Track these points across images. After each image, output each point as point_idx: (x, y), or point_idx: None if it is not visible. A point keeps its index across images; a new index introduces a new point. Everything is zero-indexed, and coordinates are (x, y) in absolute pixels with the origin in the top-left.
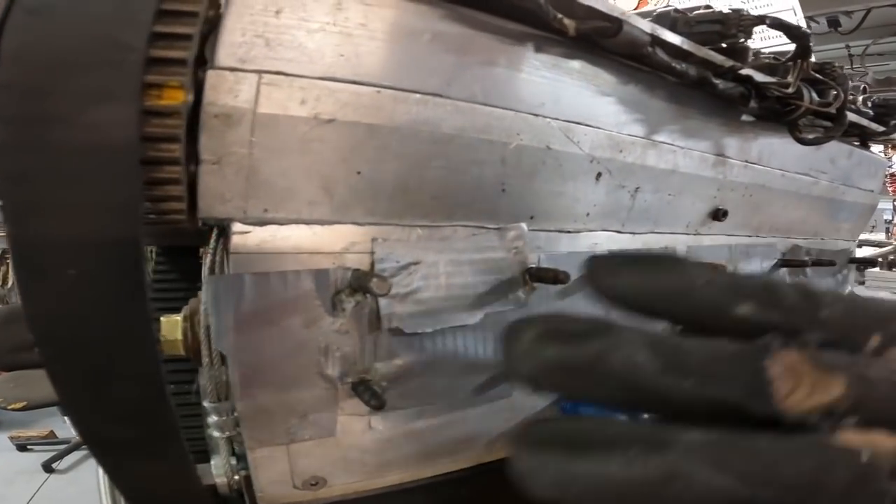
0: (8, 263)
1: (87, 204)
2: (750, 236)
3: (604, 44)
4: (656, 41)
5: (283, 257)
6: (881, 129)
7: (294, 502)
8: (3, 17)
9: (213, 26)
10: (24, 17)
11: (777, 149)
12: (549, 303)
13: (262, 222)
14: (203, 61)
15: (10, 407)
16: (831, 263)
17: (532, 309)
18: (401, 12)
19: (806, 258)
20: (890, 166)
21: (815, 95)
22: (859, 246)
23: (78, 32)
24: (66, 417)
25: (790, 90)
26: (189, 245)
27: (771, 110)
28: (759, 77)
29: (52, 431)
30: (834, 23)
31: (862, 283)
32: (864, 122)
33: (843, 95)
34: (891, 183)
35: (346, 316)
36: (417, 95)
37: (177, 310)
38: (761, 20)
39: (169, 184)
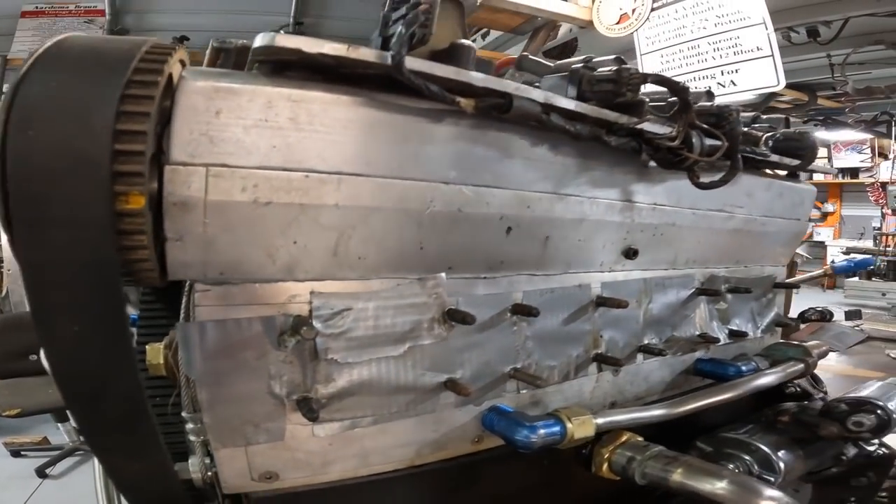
0: (1, 273)
1: (79, 280)
2: (665, 269)
3: (501, 117)
4: (549, 108)
5: (237, 308)
6: (796, 161)
7: (252, 492)
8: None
9: (167, 119)
10: (17, 135)
11: (686, 189)
12: (467, 337)
13: (219, 282)
14: (162, 151)
15: (4, 413)
16: (747, 291)
17: (450, 342)
18: (324, 105)
19: (723, 286)
20: (873, 181)
21: (706, 143)
22: (847, 253)
23: (57, 151)
24: (59, 424)
25: (676, 142)
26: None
27: (665, 160)
28: (649, 131)
29: (45, 438)
30: (813, 33)
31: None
32: (775, 157)
33: (727, 144)
34: (873, 192)
35: (289, 350)
36: (340, 176)
37: (162, 335)
38: (645, 79)
39: (141, 260)
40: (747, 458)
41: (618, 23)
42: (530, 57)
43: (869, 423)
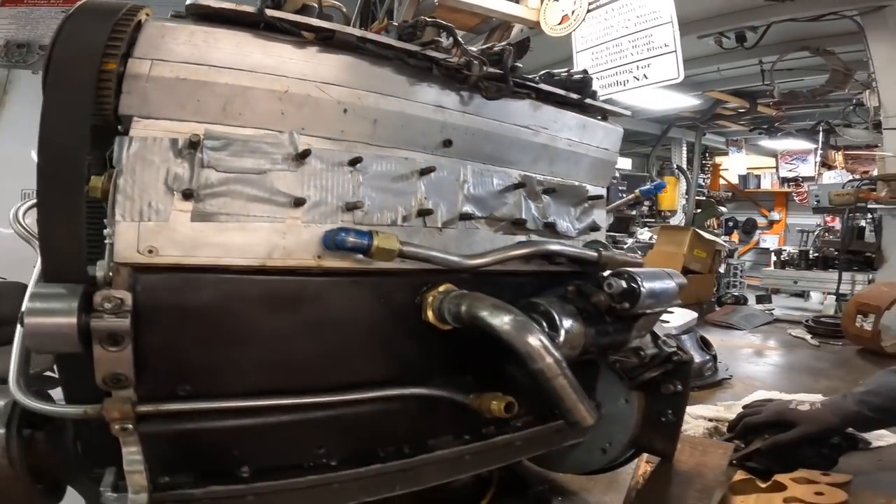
0: None
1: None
2: (484, 163)
3: (334, 43)
4: (364, 39)
5: (157, 132)
6: (577, 97)
7: (136, 262)
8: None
9: (135, 39)
10: (59, 40)
11: (496, 107)
12: (313, 174)
13: (147, 117)
14: (129, 53)
15: None
16: (556, 192)
17: (300, 173)
18: (222, 35)
19: (537, 186)
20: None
21: (486, 70)
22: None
23: (77, 46)
24: None
25: (458, 62)
26: None
27: (454, 77)
28: (434, 54)
29: None
30: (741, 38)
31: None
32: (560, 91)
33: (501, 71)
34: (798, 193)
35: (183, 158)
36: (231, 70)
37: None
38: (428, 23)
39: (107, 101)
40: (535, 315)
41: (560, 23)
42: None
43: (616, 286)
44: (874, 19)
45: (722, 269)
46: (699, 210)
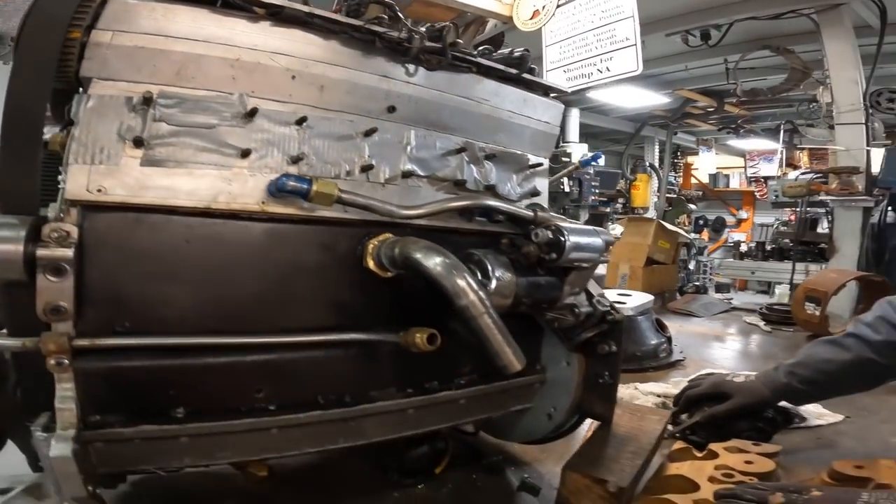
0: None
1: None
2: (427, 129)
3: (283, 18)
4: (312, 14)
5: (114, 91)
6: (514, 71)
7: (84, 199)
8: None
9: (99, 13)
10: (31, 12)
11: (439, 78)
12: (261, 130)
13: (106, 79)
14: (93, 25)
15: None
16: (494, 157)
17: (248, 129)
18: (179, 11)
19: (479, 152)
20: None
21: (427, 42)
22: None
23: (45, 17)
24: None
25: (399, 36)
26: None
27: (395, 49)
28: (375, 28)
29: None
30: (706, 36)
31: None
32: (500, 66)
33: (421, 40)
34: (758, 187)
35: (136, 113)
36: (186, 40)
37: None
38: (366, 1)
39: (70, 63)
40: (469, 264)
41: (531, 18)
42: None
43: (543, 236)
44: (830, 17)
45: (692, 266)
46: (670, 207)
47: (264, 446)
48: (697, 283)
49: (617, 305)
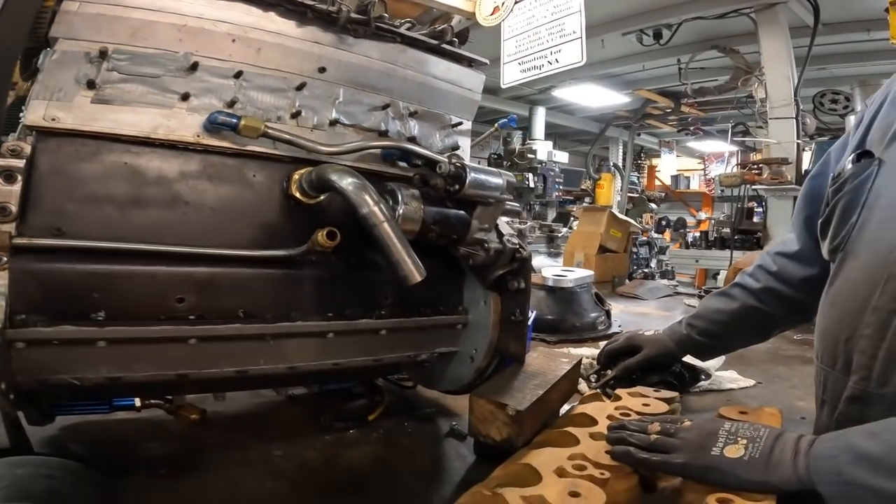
0: None
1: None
2: (356, 88)
3: None
4: None
5: (76, 49)
6: (435, 42)
7: (39, 125)
8: None
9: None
10: None
11: (368, 46)
12: (201, 80)
13: (70, 39)
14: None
15: None
16: (416, 114)
17: (188, 79)
18: None
19: (404, 110)
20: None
21: (353, 14)
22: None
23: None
24: None
25: (328, 9)
26: None
27: (329, 21)
28: (307, 1)
29: None
30: (658, 35)
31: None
32: (421, 37)
33: (348, 12)
34: (707, 184)
35: (92, 64)
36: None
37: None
38: None
39: (42, 29)
40: (383, 194)
41: (492, 14)
42: None
43: (446, 168)
44: (767, 16)
45: (654, 264)
46: (631, 206)
47: (182, 360)
48: (646, 270)
49: (557, 277)
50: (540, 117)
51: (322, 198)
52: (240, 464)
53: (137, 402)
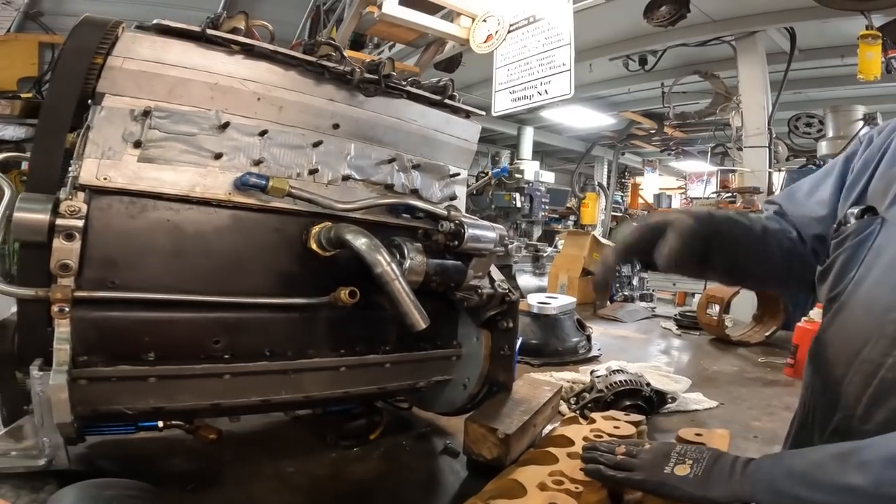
0: None
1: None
2: (365, 143)
3: (254, 54)
4: (275, 52)
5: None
6: (438, 97)
7: (93, 185)
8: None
9: (116, 41)
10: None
11: (376, 102)
12: (232, 139)
13: (119, 94)
14: (110, 52)
15: None
16: (419, 167)
17: (220, 139)
18: (171, 43)
19: (408, 163)
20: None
21: (366, 74)
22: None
23: (75, 47)
24: None
25: (344, 69)
26: None
27: (341, 79)
28: (325, 63)
29: None
30: (643, 61)
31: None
32: (426, 94)
33: (361, 72)
34: (686, 200)
35: (136, 122)
36: (175, 67)
37: None
38: (319, 43)
39: (93, 77)
40: (391, 247)
41: (485, 42)
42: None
43: (447, 227)
44: (746, 44)
45: (636, 282)
46: (615, 224)
47: (217, 392)
48: (626, 294)
49: (542, 304)
50: (528, 136)
51: (336, 251)
52: (257, 479)
53: (160, 422)
